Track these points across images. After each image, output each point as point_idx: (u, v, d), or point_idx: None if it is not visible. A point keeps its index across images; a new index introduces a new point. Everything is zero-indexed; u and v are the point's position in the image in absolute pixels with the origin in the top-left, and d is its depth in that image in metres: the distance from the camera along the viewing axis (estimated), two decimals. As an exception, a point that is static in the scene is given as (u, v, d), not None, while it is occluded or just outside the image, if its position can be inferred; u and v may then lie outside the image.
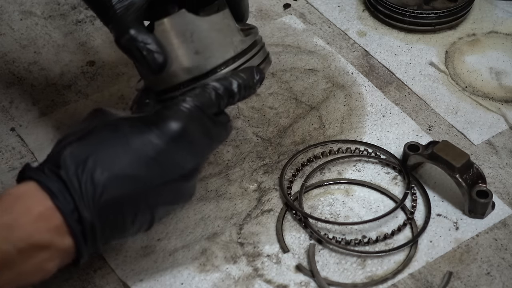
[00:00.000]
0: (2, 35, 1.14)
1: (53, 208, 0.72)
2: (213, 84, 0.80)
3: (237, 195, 0.94)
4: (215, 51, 0.82)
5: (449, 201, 0.93)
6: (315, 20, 1.16)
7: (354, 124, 1.02)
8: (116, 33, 0.81)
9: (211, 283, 0.86)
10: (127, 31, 0.80)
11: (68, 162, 0.73)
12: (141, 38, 0.80)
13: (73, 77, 1.08)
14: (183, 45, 0.81)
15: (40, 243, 0.71)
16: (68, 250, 0.73)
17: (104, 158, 0.74)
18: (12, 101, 1.05)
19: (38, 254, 0.72)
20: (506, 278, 0.86)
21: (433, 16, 1.12)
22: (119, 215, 0.74)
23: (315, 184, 0.95)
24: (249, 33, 0.86)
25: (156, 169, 0.75)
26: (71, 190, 0.72)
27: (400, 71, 1.09)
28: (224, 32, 0.83)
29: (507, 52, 1.11)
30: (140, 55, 0.80)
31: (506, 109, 1.04)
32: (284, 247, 0.89)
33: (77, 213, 0.72)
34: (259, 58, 0.85)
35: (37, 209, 0.71)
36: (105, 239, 0.75)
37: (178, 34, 0.81)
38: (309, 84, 1.07)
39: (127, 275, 0.86)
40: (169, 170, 0.76)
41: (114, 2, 0.80)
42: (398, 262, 0.88)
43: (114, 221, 0.74)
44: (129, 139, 0.75)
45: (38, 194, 0.72)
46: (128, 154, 0.74)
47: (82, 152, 0.74)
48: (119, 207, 0.74)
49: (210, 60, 0.82)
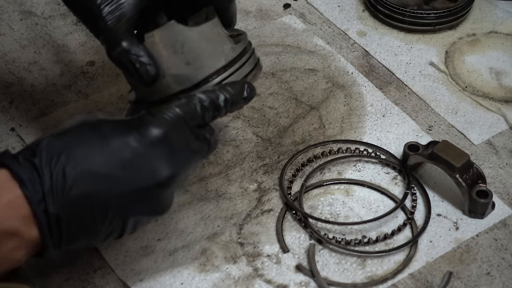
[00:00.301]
0: (2, 35, 1.14)
1: (21, 196, 0.71)
2: (199, 96, 0.80)
3: (237, 195, 0.94)
4: (206, 61, 0.82)
5: (449, 201, 0.93)
6: (315, 20, 1.16)
7: (354, 124, 1.02)
8: (108, 45, 0.81)
9: (211, 283, 0.86)
10: (119, 44, 0.80)
11: (43, 152, 0.72)
12: (133, 50, 0.80)
13: (73, 77, 1.08)
14: (173, 56, 0.81)
15: (9, 231, 0.71)
16: (35, 241, 0.73)
17: (80, 153, 0.73)
18: (12, 101, 1.05)
19: (7, 242, 0.71)
20: (506, 278, 0.86)
21: (433, 16, 1.12)
22: (87, 212, 0.73)
23: (315, 184, 0.95)
24: (239, 39, 0.86)
25: (131, 172, 0.75)
26: (42, 180, 0.71)
27: (400, 71, 1.09)
28: (214, 42, 0.83)
29: (507, 52, 1.11)
30: (133, 67, 0.80)
31: (506, 109, 1.04)
32: (284, 247, 0.89)
33: (45, 204, 0.71)
34: (250, 65, 0.85)
35: (7, 196, 0.71)
36: (72, 236, 0.74)
37: (169, 46, 0.81)
38: (309, 84, 1.07)
39: (127, 275, 0.86)
40: (144, 175, 0.75)
41: (104, 13, 0.80)
42: (398, 262, 0.88)
43: (82, 217, 0.73)
44: (108, 139, 0.75)
45: (8, 182, 0.71)
46: (105, 153, 0.74)
47: (59, 144, 0.73)
48: (88, 204, 0.73)
49: (201, 70, 0.82)
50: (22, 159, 0.72)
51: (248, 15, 1.17)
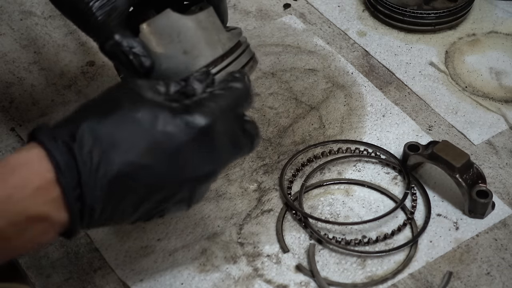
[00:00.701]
0: (2, 35, 1.14)
1: (54, 181, 0.68)
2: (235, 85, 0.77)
3: (237, 195, 0.94)
4: (204, 50, 0.80)
5: (449, 201, 0.93)
6: (315, 20, 1.16)
7: (354, 124, 1.02)
8: (100, 39, 0.80)
9: (211, 283, 0.86)
10: (111, 37, 0.79)
11: (84, 137, 0.69)
12: (126, 42, 0.79)
13: (73, 77, 1.08)
14: (170, 45, 0.80)
15: (37, 216, 0.68)
16: (63, 224, 0.70)
17: (123, 142, 0.70)
18: (12, 101, 1.05)
19: (34, 227, 0.69)
20: (506, 278, 0.86)
21: (433, 16, 1.12)
22: (123, 202, 0.72)
23: (315, 184, 0.95)
24: (234, 32, 0.84)
25: (172, 166, 0.72)
26: (80, 167, 0.69)
27: (400, 71, 1.09)
28: (211, 30, 0.81)
29: (507, 52, 1.11)
30: (126, 59, 0.79)
31: (506, 109, 1.04)
32: (284, 247, 0.89)
33: (79, 191, 0.69)
34: (247, 56, 0.84)
35: (36, 181, 0.68)
36: (102, 222, 0.72)
37: (165, 35, 0.80)
38: (309, 84, 1.07)
39: (127, 275, 0.86)
40: (185, 169, 0.73)
41: (94, 9, 0.79)
42: (398, 262, 0.88)
43: (116, 207, 0.71)
44: (153, 129, 0.72)
45: (42, 163, 0.68)
46: (148, 143, 0.71)
47: (101, 129, 0.70)
48: (125, 194, 0.71)
49: (199, 59, 0.80)
50: (61, 142, 0.69)
51: (248, 15, 1.17)
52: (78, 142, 0.69)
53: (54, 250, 0.89)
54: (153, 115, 0.72)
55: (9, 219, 0.67)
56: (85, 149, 0.69)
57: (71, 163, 0.69)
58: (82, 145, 0.69)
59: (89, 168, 0.69)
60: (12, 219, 0.68)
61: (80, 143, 0.69)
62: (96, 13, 0.79)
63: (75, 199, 0.69)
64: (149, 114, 0.72)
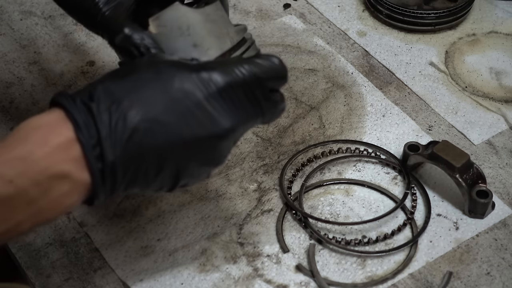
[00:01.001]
0: (2, 35, 1.14)
1: (73, 139, 0.68)
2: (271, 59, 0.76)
3: (237, 195, 0.94)
4: (213, 43, 0.80)
5: (449, 201, 0.93)
6: (315, 20, 1.16)
7: (354, 124, 1.02)
8: (109, 34, 0.80)
9: (211, 283, 0.86)
10: (121, 30, 0.79)
11: (102, 97, 0.70)
12: (136, 35, 0.79)
13: (73, 77, 1.08)
14: (180, 38, 0.80)
15: (59, 174, 0.68)
16: (86, 186, 0.70)
17: (140, 100, 0.70)
18: (12, 101, 1.05)
19: (57, 186, 0.68)
20: (506, 278, 0.86)
21: (433, 16, 1.12)
22: (144, 161, 0.71)
23: (315, 184, 0.95)
24: (240, 27, 0.84)
25: (190, 121, 0.72)
26: (98, 125, 0.69)
27: (400, 71, 1.09)
28: (219, 23, 0.81)
29: (507, 52, 1.11)
30: (138, 52, 0.79)
31: (506, 109, 1.04)
32: (284, 247, 0.89)
33: (99, 149, 0.69)
34: (254, 49, 0.84)
35: (56, 139, 0.68)
36: (125, 185, 0.71)
37: (175, 28, 0.80)
38: (309, 84, 1.07)
39: (127, 275, 0.86)
40: (203, 125, 0.72)
41: (101, 5, 0.79)
42: (398, 262, 0.88)
43: (138, 166, 0.71)
44: (170, 86, 0.72)
45: (61, 122, 0.69)
46: (165, 100, 0.71)
47: (119, 89, 0.71)
48: (146, 152, 0.71)
49: (209, 52, 0.80)
50: (80, 101, 0.69)
51: (248, 15, 1.17)
52: (96, 101, 0.69)
53: (54, 250, 0.89)
54: (171, 73, 0.72)
55: (31, 178, 0.67)
56: (103, 107, 0.69)
57: (90, 121, 0.69)
58: (100, 103, 0.69)
59: (108, 126, 0.69)
60: (35, 178, 0.67)
61: (98, 102, 0.69)
62: (103, 8, 0.79)
63: (96, 158, 0.69)
64: (167, 72, 0.72)
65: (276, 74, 0.76)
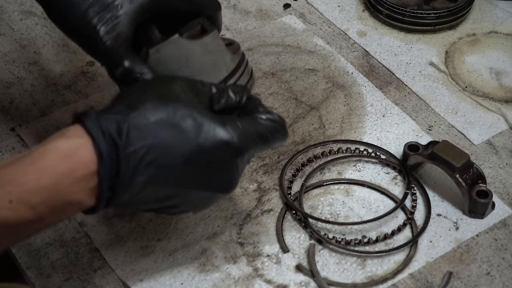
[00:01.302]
0: (2, 35, 1.14)
1: (95, 172, 0.71)
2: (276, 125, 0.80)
3: (237, 195, 0.94)
4: (210, 74, 0.82)
5: (449, 201, 0.93)
6: (315, 20, 1.16)
7: (354, 124, 1.02)
8: (109, 65, 0.81)
9: (211, 283, 0.86)
10: (121, 63, 0.80)
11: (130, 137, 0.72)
12: (137, 68, 0.80)
13: (73, 77, 1.08)
14: (179, 70, 0.82)
15: (75, 201, 0.72)
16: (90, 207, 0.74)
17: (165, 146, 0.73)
18: (12, 101, 1.05)
19: (68, 210, 0.72)
20: (506, 278, 0.86)
21: (433, 16, 1.12)
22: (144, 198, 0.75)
23: (315, 184, 0.95)
24: (235, 49, 0.87)
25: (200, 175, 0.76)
26: (121, 162, 0.71)
27: (400, 71, 1.09)
28: (216, 53, 0.84)
29: (507, 52, 1.11)
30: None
31: (506, 109, 1.04)
32: (284, 247, 0.89)
33: (114, 182, 0.72)
34: (247, 75, 0.86)
35: (81, 171, 0.71)
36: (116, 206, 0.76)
37: (174, 60, 0.82)
38: (309, 84, 1.07)
39: (127, 275, 0.86)
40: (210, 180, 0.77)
41: (101, 33, 0.80)
42: (398, 262, 0.88)
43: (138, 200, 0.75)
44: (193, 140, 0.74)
45: (88, 154, 0.71)
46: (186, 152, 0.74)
47: (147, 129, 0.73)
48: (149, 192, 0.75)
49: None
50: (108, 135, 0.71)
51: (248, 15, 1.17)
52: (124, 139, 0.72)
53: (54, 250, 0.89)
54: (197, 125, 0.75)
55: (51, 205, 0.70)
56: (130, 149, 0.72)
57: (114, 156, 0.71)
58: (127, 144, 0.72)
59: (128, 165, 0.72)
60: (54, 204, 0.71)
61: (125, 139, 0.72)
62: (104, 37, 0.80)
63: (108, 189, 0.72)
64: (193, 124, 0.75)
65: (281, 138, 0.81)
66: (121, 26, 0.80)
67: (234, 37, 1.13)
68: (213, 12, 0.86)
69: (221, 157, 0.76)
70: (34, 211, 0.70)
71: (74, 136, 0.72)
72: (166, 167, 0.73)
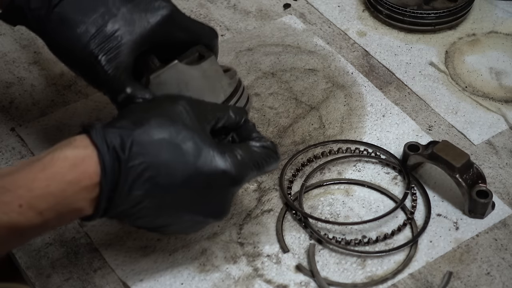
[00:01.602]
0: (2, 35, 1.14)
1: (97, 183, 0.74)
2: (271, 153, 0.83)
3: (237, 195, 0.94)
4: (208, 98, 0.84)
5: (449, 201, 0.93)
6: (315, 20, 1.16)
7: (354, 124, 1.02)
8: (111, 93, 0.83)
9: (211, 283, 0.86)
10: (123, 90, 0.83)
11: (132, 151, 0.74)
12: (139, 94, 0.83)
13: (73, 77, 1.08)
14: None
15: (77, 208, 0.74)
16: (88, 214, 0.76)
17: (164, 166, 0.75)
18: (12, 101, 1.05)
19: (69, 216, 0.75)
20: (506, 278, 0.86)
21: (433, 16, 1.12)
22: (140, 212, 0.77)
23: (315, 184, 0.95)
24: (231, 75, 0.89)
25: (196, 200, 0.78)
26: (121, 176, 0.74)
27: (400, 71, 1.09)
28: (214, 78, 0.86)
29: (507, 52, 1.11)
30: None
31: (506, 109, 1.04)
32: (284, 247, 0.89)
33: (112, 194, 0.74)
34: (244, 98, 0.89)
35: (86, 181, 0.73)
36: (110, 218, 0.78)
37: (174, 85, 0.84)
38: (309, 84, 1.07)
39: (127, 275, 0.86)
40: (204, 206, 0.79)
41: (103, 62, 0.82)
42: (398, 262, 0.88)
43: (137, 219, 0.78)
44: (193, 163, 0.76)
45: (93, 165, 0.73)
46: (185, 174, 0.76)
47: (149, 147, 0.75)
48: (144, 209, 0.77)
49: None
50: (112, 149, 0.74)
51: (248, 15, 1.17)
52: (127, 154, 0.74)
53: (54, 250, 0.89)
54: (197, 149, 0.77)
55: (57, 211, 0.73)
56: (131, 165, 0.74)
57: (116, 169, 0.74)
58: (129, 159, 0.74)
59: (130, 185, 0.74)
60: (60, 210, 0.73)
61: (128, 154, 0.74)
62: (105, 66, 0.82)
63: (106, 200, 0.75)
64: (193, 148, 0.76)
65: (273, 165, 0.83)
66: (122, 55, 0.83)
67: (234, 37, 1.13)
68: (210, 40, 0.89)
69: (217, 185, 0.78)
70: (41, 216, 0.72)
71: (81, 146, 0.74)
72: (163, 185, 0.76)
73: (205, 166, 0.77)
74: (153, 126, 0.76)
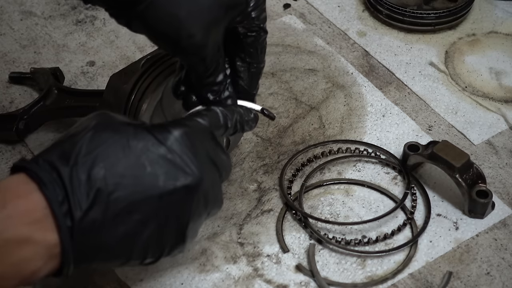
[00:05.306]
0: (2, 35, 1.14)
1: (37, 200, 0.66)
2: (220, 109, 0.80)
3: (237, 195, 0.94)
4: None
5: (449, 201, 0.93)
6: (315, 20, 1.16)
7: (354, 124, 1.02)
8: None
9: (211, 283, 0.86)
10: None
11: (63, 156, 0.68)
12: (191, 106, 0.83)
13: (73, 77, 1.08)
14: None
15: (16, 238, 0.65)
16: (52, 249, 0.67)
17: (102, 157, 0.69)
18: (12, 101, 1.05)
19: (15, 251, 0.65)
20: (506, 278, 0.86)
21: (433, 16, 1.12)
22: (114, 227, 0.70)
23: (315, 184, 0.95)
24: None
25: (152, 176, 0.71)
26: (65, 181, 0.67)
27: (400, 71, 1.09)
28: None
29: (507, 52, 1.11)
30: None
31: (506, 109, 1.04)
32: (284, 247, 0.89)
33: (67, 206, 0.67)
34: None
35: (16, 201, 0.66)
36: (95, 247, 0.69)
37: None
38: (309, 84, 1.07)
39: (127, 275, 0.86)
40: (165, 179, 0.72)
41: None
42: (398, 262, 0.88)
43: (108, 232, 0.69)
44: (130, 142, 0.71)
45: (22, 184, 0.67)
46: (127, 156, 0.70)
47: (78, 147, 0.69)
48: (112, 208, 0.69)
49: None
50: (42, 161, 0.68)
51: (248, 15, 1.17)
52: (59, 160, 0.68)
53: (54, 250, 0.89)
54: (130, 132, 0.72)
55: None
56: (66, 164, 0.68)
57: (56, 177, 0.67)
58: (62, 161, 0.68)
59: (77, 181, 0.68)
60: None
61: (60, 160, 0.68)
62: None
63: (64, 215, 0.67)
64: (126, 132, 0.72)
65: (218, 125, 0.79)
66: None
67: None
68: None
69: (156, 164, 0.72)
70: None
71: (7, 178, 0.68)
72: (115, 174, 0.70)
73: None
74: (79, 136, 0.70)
